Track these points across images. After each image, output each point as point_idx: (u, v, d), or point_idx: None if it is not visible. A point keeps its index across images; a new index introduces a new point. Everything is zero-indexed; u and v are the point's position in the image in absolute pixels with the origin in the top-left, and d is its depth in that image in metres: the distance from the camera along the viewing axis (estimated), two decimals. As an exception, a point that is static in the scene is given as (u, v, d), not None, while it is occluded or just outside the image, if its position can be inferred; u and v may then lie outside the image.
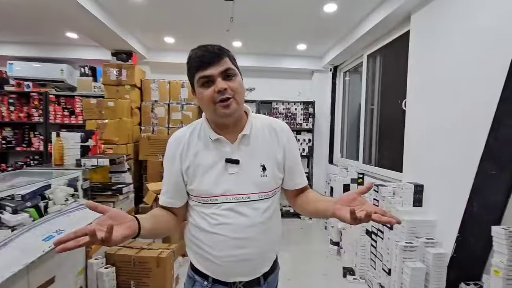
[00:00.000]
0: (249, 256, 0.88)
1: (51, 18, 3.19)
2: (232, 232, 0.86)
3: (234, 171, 0.87)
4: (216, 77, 0.81)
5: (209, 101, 0.83)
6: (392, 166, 2.84)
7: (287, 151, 0.95)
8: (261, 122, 0.96)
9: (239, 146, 0.89)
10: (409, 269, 1.89)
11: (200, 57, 0.82)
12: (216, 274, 0.89)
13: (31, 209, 1.74)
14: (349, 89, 4.30)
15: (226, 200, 0.86)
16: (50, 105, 4.11)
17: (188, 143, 0.90)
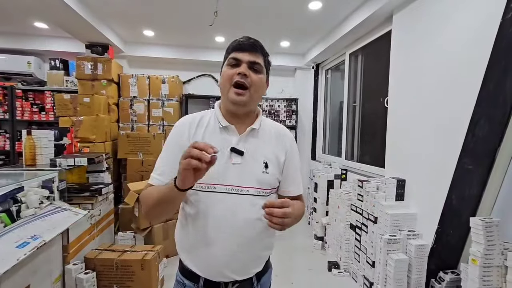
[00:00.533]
0: (244, 253, 0.87)
1: (18, 6, 2.94)
2: (228, 226, 0.84)
3: (238, 161, 0.87)
4: (243, 63, 0.86)
5: (227, 79, 0.86)
6: (374, 162, 2.93)
7: (288, 157, 0.96)
8: (269, 124, 0.99)
9: (247, 138, 0.90)
10: (393, 261, 1.97)
11: (240, 42, 0.88)
12: (208, 273, 0.86)
13: (2, 214, 1.59)
14: (331, 86, 4.37)
15: (224, 190, 0.84)
16: (17, 100, 3.81)
17: (197, 126, 0.90)
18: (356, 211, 2.55)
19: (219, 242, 0.84)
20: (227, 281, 0.87)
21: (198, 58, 4.25)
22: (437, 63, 2.00)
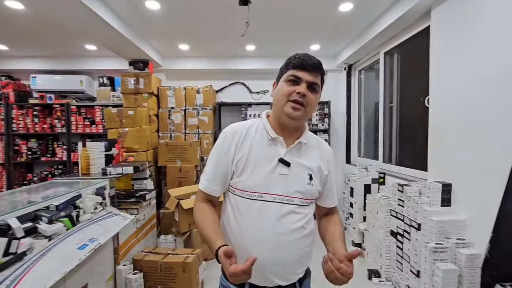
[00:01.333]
0: (287, 260, 0.90)
1: (71, 31, 3.30)
2: (274, 234, 0.87)
3: (284, 172, 0.90)
4: (303, 82, 0.89)
5: (285, 95, 0.90)
6: (415, 165, 2.77)
7: (330, 170, 1.02)
8: (314, 138, 1.04)
9: (293, 151, 0.94)
10: (440, 271, 1.84)
11: (304, 60, 0.90)
12: (254, 279, 0.89)
13: (65, 219, 1.80)
14: (364, 87, 4.23)
15: (271, 199, 0.88)
16: (72, 115, 4.25)
17: (245, 135, 0.94)
18: (397, 217, 2.43)
19: (264, 248, 0.87)
20: (271, 286, 0.91)
21: (229, 67, 4.39)
22: (485, 58, 1.85)
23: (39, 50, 4.04)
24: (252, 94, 4.68)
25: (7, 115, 4.21)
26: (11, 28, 3.18)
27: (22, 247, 1.44)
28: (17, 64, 4.30)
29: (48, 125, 4.30)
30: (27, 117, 4.25)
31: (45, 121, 4.30)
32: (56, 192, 1.99)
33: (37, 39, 3.57)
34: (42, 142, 4.39)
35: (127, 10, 2.82)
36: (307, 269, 1.02)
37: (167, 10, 2.81)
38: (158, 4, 2.69)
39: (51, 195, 1.90)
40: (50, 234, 1.63)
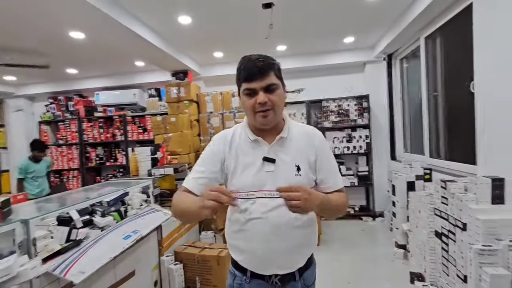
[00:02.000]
0: (282, 250, 0.93)
1: (122, 52, 3.79)
2: (267, 226, 0.92)
3: (270, 169, 0.94)
4: (258, 91, 0.91)
5: (250, 109, 0.93)
6: (465, 159, 2.48)
7: (319, 155, 1.00)
8: (297, 127, 1.04)
9: (276, 147, 0.97)
10: (488, 276, 1.64)
11: (248, 70, 0.91)
12: (253, 267, 0.96)
13: (115, 213, 2.10)
14: (407, 77, 3.91)
15: (262, 195, 0.93)
16: (128, 125, 4.84)
17: (231, 142, 1.00)
18: (441, 216, 2.21)
19: (262, 242, 0.93)
20: (270, 274, 0.96)
21: (263, 69, 4.49)
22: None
23: (100, 70, 4.71)
24: (287, 93, 4.69)
25: (79, 127, 4.99)
26: (78, 54, 3.79)
27: (80, 235, 1.74)
28: (84, 84, 5.06)
29: (110, 134, 4.97)
30: (94, 129, 4.97)
31: (108, 131, 4.98)
32: (109, 190, 2.34)
33: (97, 61, 4.17)
34: (107, 149, 5.08)
35: (163, 27, 3.13)
36: (309, 259, 1.03)
37: (198, 22, 3.04)
38: (189, 18, 2.93)
39: (105, 193, 2.24)
40: (102, 225, 1.93)
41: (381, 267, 2.76)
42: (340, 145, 4.23)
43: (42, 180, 3.55)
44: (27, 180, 3.44)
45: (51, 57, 3.79)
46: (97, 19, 2.50)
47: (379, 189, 4.17)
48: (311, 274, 1.05)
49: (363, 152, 4.19)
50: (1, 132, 5.44)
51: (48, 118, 5.18)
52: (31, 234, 1.43)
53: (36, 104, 5.51)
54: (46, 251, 1.49)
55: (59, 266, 1.45)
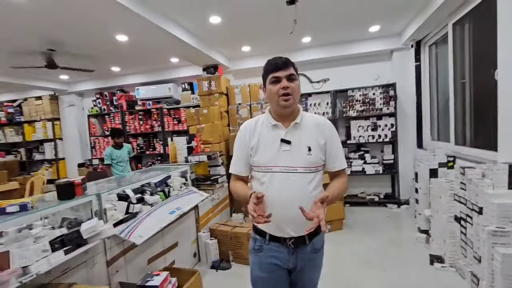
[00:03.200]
0: (295, 216, 1.07)
1: (159, 50, 4.16)
2: (282, 195, 1.12)
3: (287, 148, 1.15)
4: (282, 78, 1.13)
5: (275, 93, 1.14)
6: (487, 146, 2.50)
7: (329, 140, 1.20)
8: (310, 117, 1.24)
9: (292, 130, 1.18)
10: (499, 255, 1.75)
11: (275, 63, 1.15)
12: (272, 230, 1.17)
13: (161, 193, 2.47)
14: (437, 63, 3.84)
15: (279, 170, 1.14)
16: (164, 117, 5.29)
17: (254, 128, 1.22)
18: (460, 202, 2.30)
19: (279, 208, 1.10)
20: (285, 237, 1.16)
21: (289, 60, 4.64)
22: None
23: (139, 67, 5.17)
24: (312, 83, 4.81)
25: (122, 120, 5.55)
26: (121, 54, 4.24)
27: (135, 209, 2.12)
28: (126, 80, 5.58)
29: (149, 125, 5.46)
30: (135, 121, 5.50)
31: (147, 122, 5.48)
32: (154, 174, 2.72)
33: (137, 59, 4.61)
34: (146, 139, 5.61)
35: (196, 27, 3.41)
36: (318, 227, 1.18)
37: (227, 21, 3.28)
38: (219, 18, 3.18)
39: (151, 176, 2.62)
40: (151, 202, 2.30)
41: (402, 250, 2.89)
42: (365, 133, 4.30)
43: (125, 164, 3.88)
44: (113, 165, 3.82)
45: (99, 58, 4.28)
46: (139, 24, 2.83)
47: (405, 177, 4.21)
48: (319, 239, 1.23)
49: (388, 140, 4.22)
50: (57, 124, 6.21)
51: (95, 112, 5.81)
52: (103, 205, 1.82)
53: (85, 99, 6.19)
54: (113, 219, 1.87)
55: (123, 231, 1.83)
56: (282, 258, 1.18)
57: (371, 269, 2.55)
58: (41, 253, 1.30)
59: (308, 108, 4.58)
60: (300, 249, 1.17)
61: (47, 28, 3.13)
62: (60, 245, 1.38)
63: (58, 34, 3.32)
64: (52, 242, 1.36)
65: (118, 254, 1.90)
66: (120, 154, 3.84)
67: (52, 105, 6.11)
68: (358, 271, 2.53)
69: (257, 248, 1.22)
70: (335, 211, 3.45)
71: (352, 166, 4.41)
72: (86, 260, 1.64)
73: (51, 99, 6.08)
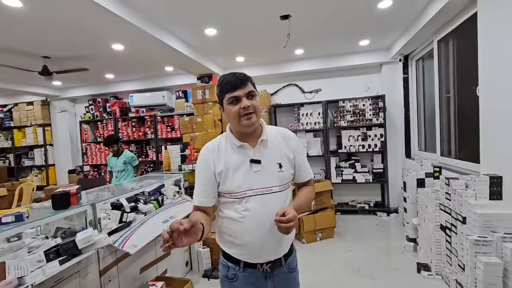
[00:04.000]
0: (273, 238, 1.06)
1: (154, 59, 4.20)
2: (259, 219, 1.04)
3: (258, 169, 1.07)
4: (242, 97, 1.04)
5: (235, 115, 1.05)
6: (472, 158, 2.62)
7: (296, 153, 1.17)
8: (274, 131, 1.18)
9: (259, 149, 1.10)
10: (481, 264, 1.83)
11: (231, 82, 1.05)
12: (247, 258, 1.08)
13: (154, 202, 2.49)
14: (423, 77, 4.00)
15: (253, 194, 1.05)
16: (158, 124, 5.30)
17: (218, 151, 1.10)
18: (445, 211, 2.39)
19: (259, 234, 1.04)
20: (262, 262, 1.09)
21: (282, 71, 4.75)
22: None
23: (133, 74, 5.19)
24: (305, 94, 4.92)
25: (115, 126, 5.53)
26: (116, 62, 4.26)
27: (129, 218, 2.14)
28: (120, 87, 5.59)
29: (142, 132, 5.46)
30: (128, 127, 5.49)
31: (140, 129, 5.48)
32: (148, 183, 2.74)
33: (132, 67, 4.64)
34: (139, 146, 5.59)
35: (191, 38, 3.49)
36: (291, 246, 1.17)
37: (222, 33, 3.36)
38: (215, 30, 3.26)
39: (145, 184, 2.64)
40: (145, 211, 2.32)
41: (390, 258, 2.96)
42: (355, 143, 4.41)
43: (122, 174, 3.68)
44: (113, 173, 3.77)
45: (93, 65, 4.30)
46: (135, 34, 2.89)
47: (394, 186, 4.32)
48: (293, 258, 1.19)
49: (378, 150, 4.34)
50: (48, 130, 6.14)
51: (88, 118, 5.78)
52: (97, 214, 1.83)
53: (77, 105, 6.15)
54: (106, 229, 1.88)
55: (117, 240, 1.84)
56: (260, 285, 1.11)
57: (361, 278, 2.60)
58: (36, 264, 1.31)
59: (300, 118, 4.67)
60: (277, 272, 1.12)
61: (41, 35, 3.15)
62: (55, 255, 1.39)
63: (53, 42, 3.34)
64: (47, 252, 1.37)
65: (111, 264, 1.90)
66: (115, 163, 3.76)
67: (44, 110, 6.05)
68: (348, 280, 2.58)
69: (231, 277, 1.12)
70: (327, 220, 3.51)
71: (343, 175, 4.50)
72: (79, 270, 1.65)
73: (42, 105, 6.02)
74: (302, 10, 2.87)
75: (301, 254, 3.22)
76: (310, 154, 4.63)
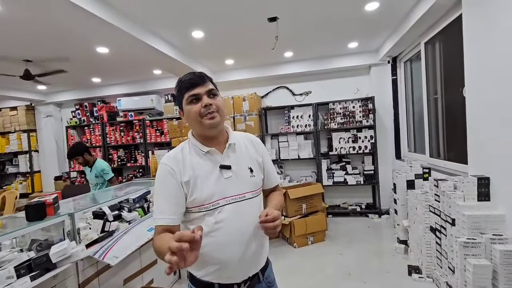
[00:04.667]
0: (250, 250, 0.96)
1: (142, 62, 4.13)
2: (236, 229, 0.94)
3: (229, 175, 0.98)
4: (202, 95, 0.97)
5: (196, 115, 0.96)
6: (459, 159, 2.63)
7: (264, 158, 1.12)
8: (239, 135, 1.12)
9: (228, 154, 1.01)
10: (471, 266, 1.81)
11: (190, 80, 0.98)
12: (223, 278, 0.95)
13: (139, 209, 2.41)
14: (411, 79, 4.03)
15: (226, 202, 0.95)
16: (147, 128, 5.21)
17: (183, 159, 0.98)
18: (434, 213, 2.38)
19: (236, 248, 0.93)
20: (239, 282, 0.97)
21: (271, 73, 4.73)
22: (512, 44, 1.75)
23: (121, 78, 5.09)
24: (295, 96, 4.90)
25: (103, 131, 5.41)
26: (102, 65, 4.17)
27: (112, 227, 2.05)
28: (107, 90, 5.47)
29: (131, 137, 5.35)
30: (116, 132, 5.37)
31: (128, 134, 5.37)
32: (134, 189, 2.65)
33: (119, 70, 4.54)
34: (127, 151, 5.48)
35: (178, 40, 3.43)
36: (267, 258, 1.09)
37: (209, 36, 3.32)
38: (202, 33, 3.21)
39: (131, 191, 2.56)
40: (129, 219, 2.24)
41: (381, 261, 2.93)
42: (346, 145, 4.40)
43: (95, 188, 3.14)
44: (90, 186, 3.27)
45: (78, 68, 4.19)
46: (120, 37, 2.82)
47: (385, 187, 4.32)
48: (270, 271, 1.10)
49: (368, 152, 4.34)
50: (33, 136, 5.97)
51: (74, 123, 5.64)
52: (76, 225, 1.75)
53: (64, 110, 6.00)
54: (86, 239, 1.80)
55: (97, 251, 1.76)
56: None
57: (352, 281, 2.57)
58: (5, 280, 1.22)
59: (291, 121, 4.65)
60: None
61: (22, 38, 3.04)
62: (26, 271, 1.30)
63: (34, 45, 3.23)
64: (18, 267, 1.29)
65: (91, 276, 1.82)
66: (88, 176, 3.17)
67: (28, 115, 5.88)
68: (339, 284, 2.54)
69: None
70: (318, 223, 3.48)
71: (334, 177, 4.48)
72: (56, 284, 1.56)
73: (27, 110, 5.86)
74: (290, 13, 2.85)
75: (292, 259, 3.18)
76: (301, 156, 4.61)
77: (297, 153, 4.61)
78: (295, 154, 4.62)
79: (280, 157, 4.70)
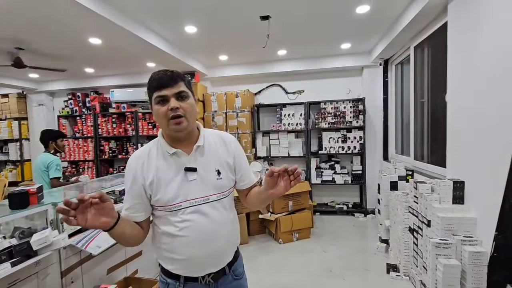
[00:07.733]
0: (215, 249, 0.99)
1: (135, 55, 4.12)
2: (199, 231, 0.96)
3: (193, 177, 0.98)
4: (170, 97, 0.93)
5: (163, 116, 0.94)
6: (440, 162, 2.71)
7: (236, 157, 1.09)
8: (212, 135, 1.09)
9: (195, 156, 1.00)
10: (441, 266, 1.89)
11: (159, 79, 0.94)
12: (188, 272, 0.99)
13: (125, 201, 2.44)
14: (402, 82, 4.09)
15: (189, 205, 0.96)
16: (139, 121, 5.21)
17: (148, 160, 0.99)
18: (413, 214, 2.46)
19: (198, 247, 0.96)
20: (203, 275, 1.00)
21: (265, 71, 4.75)
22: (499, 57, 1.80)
23: (115, 70, 5.07)
24: (288, 94, 4.94)
25: (95, 122, 5.40)
26: (95, 56, 4.15)
27: (97, 218, 2.09)
28: (100, 81, 5.45)
29: (123, 129, 5.35)
30: (108, 124, 5.37)
31: (120, 126, 5.36)
32: (121, 181, 2.68)
33: (113, 62, 4.52)
34: (119, 143, 5.48)
35: (171, 35, 3.43)
36: (236, 252, 1.10)
37: (203, 31, 3.33)
38: (195, 28, 3.22)
39: (116, 183, 2.59)
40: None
41: (363, 259, 3.02)
42: (336, 145, 4.47)
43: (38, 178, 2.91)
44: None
45: (71, 58, 4.17)
46: (111, 29, 2.82)
47: (372, 187, 4.40)
48: (239, 265, 1.12)
49: (357, 152, 4.41)
50: (24, 124, 5.93)
51: (66, 113, 5.61)
52: (59, 214, 1.78)
53: (56, 99, 5.96)
54: (70, 229, 1.84)
55: (80, 241, 1.80)
56: None
57: (332, 278, 2.65)
58: (-15, 266, 1.26)
59: (283, 119, 4.69)
60: (221, 281, 1.04)
61: (13, 26, 3.02)
62: (7, 257, 1.34)
63: (26, 33, 3.21)
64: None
65: (74, 264, 1.85)
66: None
67: (20, 103, 5.83)
68: (319, 280, 2.62)
69: None
70: (304, 220, 3.55)
71: (323, 176, 4.56)
72: (38, 271, 1.60)
73: (18, 98, 5.81)
74: (282, 12, 2.88)
75: (277, 254, 3.25)
76: (291, 154, 4.67)
77: (288, 151, 4.67)
78: (286, 152, 4.68)
79: (271, 154, 4.75)
